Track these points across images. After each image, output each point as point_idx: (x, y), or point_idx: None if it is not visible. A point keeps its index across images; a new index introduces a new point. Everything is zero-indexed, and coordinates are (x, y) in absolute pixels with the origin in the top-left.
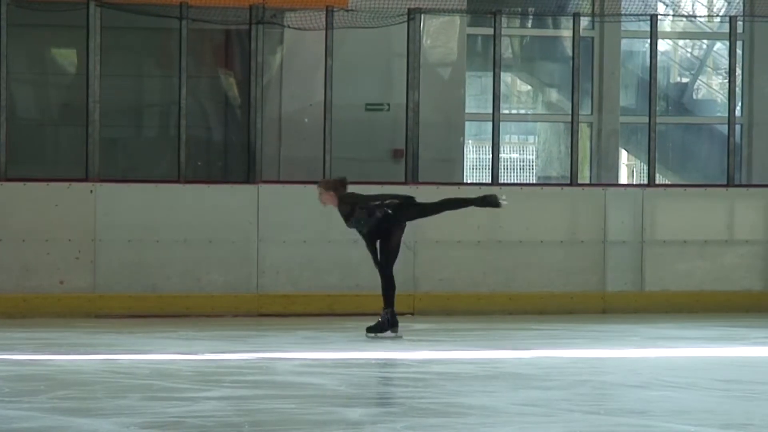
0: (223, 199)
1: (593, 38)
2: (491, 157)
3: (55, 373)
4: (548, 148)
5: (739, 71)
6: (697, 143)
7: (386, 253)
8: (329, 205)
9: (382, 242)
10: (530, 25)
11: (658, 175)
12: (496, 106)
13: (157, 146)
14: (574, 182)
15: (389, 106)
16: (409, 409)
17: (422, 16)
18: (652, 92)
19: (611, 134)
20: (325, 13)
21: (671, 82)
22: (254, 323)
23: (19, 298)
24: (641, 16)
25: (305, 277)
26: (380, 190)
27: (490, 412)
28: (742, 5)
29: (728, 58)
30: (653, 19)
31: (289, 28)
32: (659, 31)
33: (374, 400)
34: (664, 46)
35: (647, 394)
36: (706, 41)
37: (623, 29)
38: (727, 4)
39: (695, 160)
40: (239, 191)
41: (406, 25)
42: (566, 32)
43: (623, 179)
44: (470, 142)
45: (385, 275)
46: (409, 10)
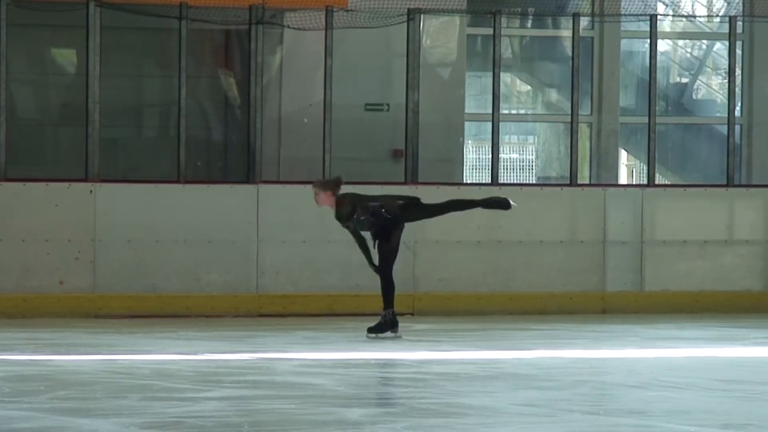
0: (222, 199)
1: (593, 38)
2: (491, 157)
3: (55, 373)
4: (548, 148)
5: (738, 71)
6: (696, 143)
7: (386, 253)
8: (325, 205)
9: (381, 243)
10: (530, 25)
11: (657, 175)
12: (495, 106)
13: (157, 146)
14: (573, 182)
15: (389, 106)
16: (408, 409)
17: (422, 16)
18: (651, 92)
19: (611, 134)
20: (324, 13)
21: (671, 82)
22: (254, 323)
23: (19, 298)
24: (641, 16)
25: (305, 277)
26: (380, 190)
27: (489, 412)
28: (741, 5)
29: (728, 58)
30: (653, 19)
31: (288, 28)
32: (659, 31)
33: (374, 400)
34: (663, 46)
35: (647, 394)
36: (705, 41)
37: (623, 29)
38: (726, 4)
39: (695, 160)
40: (239, 191)
41: (405, 25)
42: (566, 32)
43: (623, 179)
44: (470, 142)
45: (384, 276)
46: (408, 10)
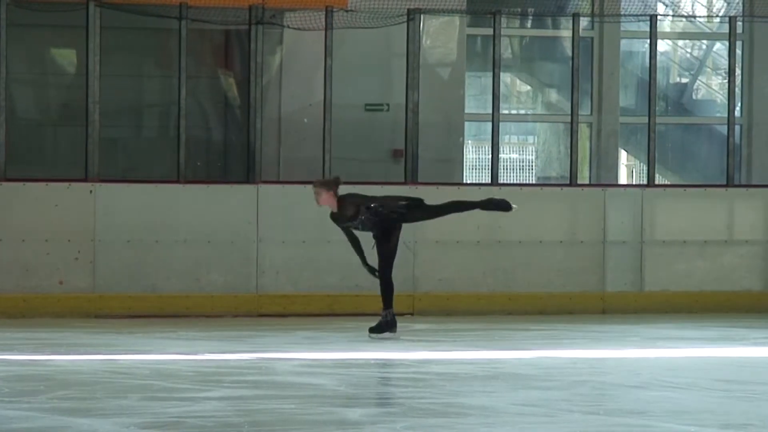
0: (222, 199)
1: (593, 38)
2: (491, 157)
3: (54, 373)
4: (548, 148)
5: (738, 71)
6: (696, 143)
7: (387, 254)
8: (326, 205)
9: (381, 243)
10: (530, 25)
11: (657, 175)
12: (495, 106)
13: (156, 146)
14: (573, 182)
15: (389, 106)
16: (408, 409)
17: (422, 16)
18: (651, 92)
19: (611, 134)
20: (324, 13)
21: (671, 82)
22: (254, 323)
23: (18, 298)
24: (641, 16)
25: (305, 277)
26: (380, 190)
27: (489, 412)
28: (741, 5)
29: (728, 58)
30: (653, 19)
31: (288, 28)
32: (659, 31)
33: (374, 400)
34: (663, 46)
35: (647, 394)
36: (705, 41)
37: (623, 29)
38: (726, 4)
39: (695, 160)
40: (239, 191)
41: (405, 25)
42: (566, 32)
43: (623, 179)
44: (470, 142)
45: (384, 276)
46: (408, 10)
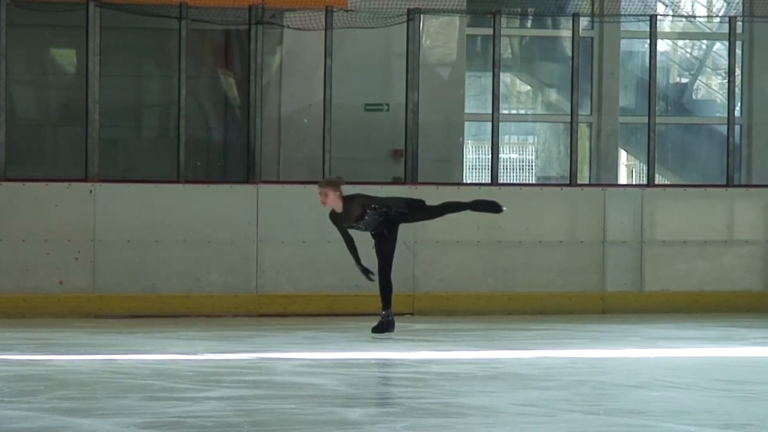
0: (222, 199)
1: (593, 38)
2: (491, 157)
3: (54, 373)
4: (548, 148)
5: (738, 71)
6: (696, 143)
7: (386, 254)
8: (331, 205)
9: (381, 243)
10: (530, 25)
11: (657, 175)
12: (495, 106)
13: (156, 146)
14: (573, 182)
15: (389, 106)
16: (408, 409)
17: (422, 16)
18: (651, 92)
19: (611, 134)
20: (324, 13)
21: (671, 82)
22: (254, 323)
23: (18, 298)
24: (641, 16)
25: (305, 277)
26: (380, 190)
27: (489, 412)
28: (741, 5)
29: (728, 58)
30: (653, 19)
31: (288, 28)
32: (659, 31)
33: (374, 400)
34: (663, 46)
35: (647, 394)
36: (705, 41)
37: (623, 29)
38: (726, 4)
39: (695, 160)
40: (239, 191)
41: (405, 25)
42: (566, 32)
43: (623, 179)
44: (470, 142)
45: (385, 276)
46: (408, 10)
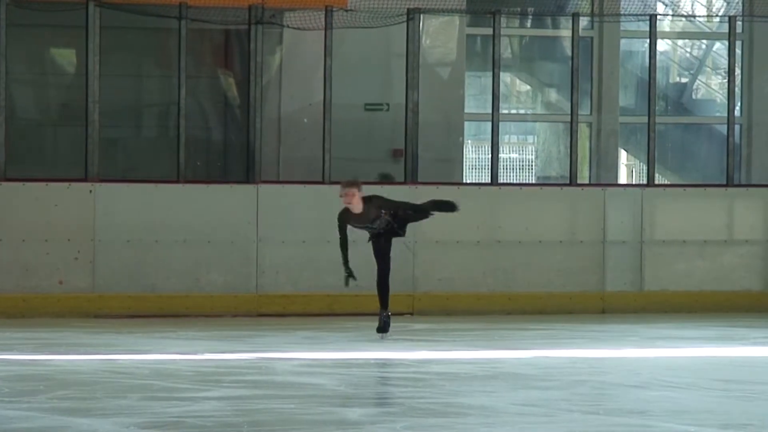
0: (222, 199)
1: (592, 38)
2: (490, 157)
3: (54, 373)
4: (547, 148)
5: (738, 71)
6: (696, 143)
7: (387, 255)
8: (352, 205)
9: (382, 245)
10: (529, 25)
11: (657, 175)
12: (495, 106)
13: (156, 146)
14: (573, 182)
15: (388, 106)
16: (408, 409)
17: (421, 16)
18: (651, 92)
19: (610, 134)
20: (324, 13)
21: (670, 82)
22: (254, 323)
23: (18, 298)
24: (640, 16)
25: (305, 277)
26: (380, 190)
27: (489, 412)
28: (741, 5)
29: (727, 58)
30: (652, 19)
31: (288, 28)
32: (658, 31)
33: (373, 400)
34: (663, 46)
35: (646, 394)
36: (705, 41)
37: (622, 29)
38: (726, 4)
39: (694, 160)
40: (238, 191)
41: (405, 25)
42: (565, 32)
43: (622, 179)
44: (469, 142)
45: (385, 278)
46: (408, 10)
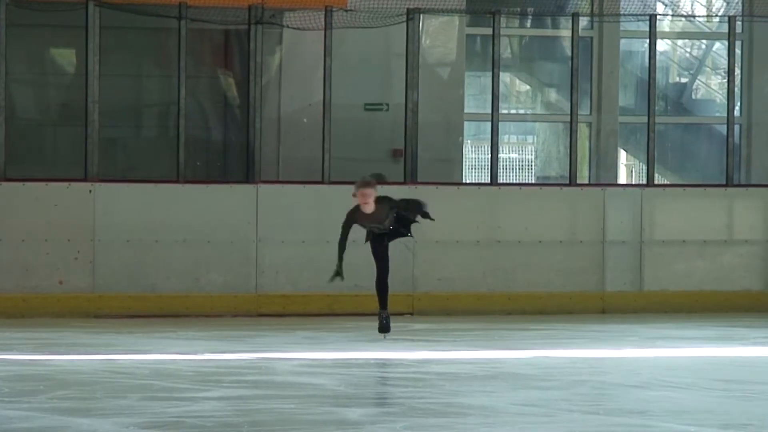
0: (222, 199)
1: (592, 38)
2: (490, 157)
3: (54, 373)
4: (547, 148)
5: (738, 71)
6: (696, 143)
7: (387, 256)
8: (365, 204)
9: (383, 245)
10: (529, 25)
11: (657, 175)
12: (495, 106)
13: (156, 146)
14: (573, 182)
15: (388, 106)
16: (408, 409)
17: (421, 16)
18: (651, 92)
19: (610, 134)
20: (324, 13)
21: (670, 82)
22: (253, 323)
23: (18, 298)
24: (640, 16)
25: (304, 277)
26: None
27: (489, 412)
28: (741, 5)
29: (727, 58)
30: (652, 19)
31: (288, 28)
32: (658, 31)
33: (373, 400)
34: (663, 46)
35: (646, 394)
36: (705, 41)
37: (622, 29)
38: (726, 4)
39: (694, 160)
40: (238, 191)
41: (405, 25)
42: (565, 32)
43: (622, 179)
44: (469, 142)
45: (384, 278)
46: (408, 10)
